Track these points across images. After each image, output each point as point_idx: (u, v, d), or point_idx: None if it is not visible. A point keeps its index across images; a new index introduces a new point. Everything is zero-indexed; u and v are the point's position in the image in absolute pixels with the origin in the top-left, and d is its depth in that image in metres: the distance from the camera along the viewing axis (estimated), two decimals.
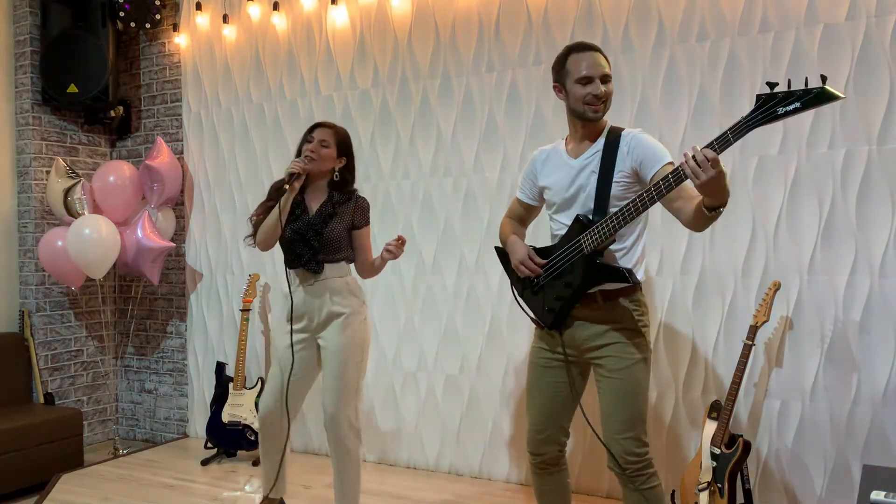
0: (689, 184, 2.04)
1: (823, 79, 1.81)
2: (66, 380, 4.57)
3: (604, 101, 2.28)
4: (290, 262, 2.90)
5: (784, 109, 1.85)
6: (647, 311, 2.36)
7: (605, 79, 2.28)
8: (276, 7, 4.22)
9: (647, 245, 2.45)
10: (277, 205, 2.81)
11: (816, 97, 1.81)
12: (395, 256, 2.85)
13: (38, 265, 4.42)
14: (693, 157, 1.93)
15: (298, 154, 2.88)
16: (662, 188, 2.05)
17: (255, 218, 2.94)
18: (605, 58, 2.30)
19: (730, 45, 3.12)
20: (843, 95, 1.82)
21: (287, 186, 2.78)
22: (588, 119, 2.30)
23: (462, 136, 3.75)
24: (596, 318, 2.31)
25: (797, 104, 1.83)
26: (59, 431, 3.95)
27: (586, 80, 2.26)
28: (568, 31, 3.45)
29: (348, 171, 2.95)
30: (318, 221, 2.85)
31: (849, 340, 2.93)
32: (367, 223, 2.96)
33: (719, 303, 3.17)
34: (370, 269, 2.98)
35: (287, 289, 2.92)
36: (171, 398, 4.72)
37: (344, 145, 2.92)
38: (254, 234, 2.93)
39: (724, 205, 2.02)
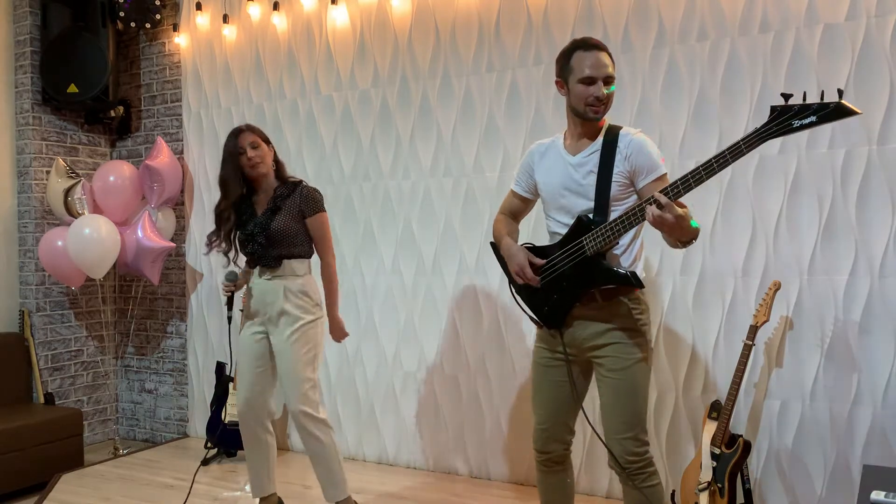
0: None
1: (840, 93, 1.80)
2: (66, 380, 4.57)
3: (605, 102, 2.26)
4: (249, 262, 3.02)
5: (800, 122, 1.84)
6: (647, 310, 2.36)
7: (609, 80, 2.26)
8: (276, 7, 4.22)
9: (647, 245, 2.46)
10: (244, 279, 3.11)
11: (833, 112, 1.80)
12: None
13: (38, 265, 4.42)
14: (654, 204, 2.01)
15: (233, 164, 2.91)
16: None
17: (213, 239, 3.01)
18: (610, 56, 2.28)
19: (730, 45, 3.12)
20: (859, 111, 1.80)
21: (229, 294, 3.04)
22: (588, 119, 2.29)
23: (462, 136, 3.74)
24: (596, 316, 2.30)
25: (813, 118, 1.82)
26: (59, 431, 3.95)
27: (589, 81, 2.24)
28: (568, 31, 3.45)
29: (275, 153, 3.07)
30: (264, 219, 2.92)
31: (849, 340, 2.93)
32: (318, 211, 2.95)
33: (719, 303, 3.17)
34: (325, 272, 3.01)
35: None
36: (171, 398, 4.72)
37: (263, 135, 2.99)
38: (209, 245, 3.00)
39: (692, 240, 2.12)
